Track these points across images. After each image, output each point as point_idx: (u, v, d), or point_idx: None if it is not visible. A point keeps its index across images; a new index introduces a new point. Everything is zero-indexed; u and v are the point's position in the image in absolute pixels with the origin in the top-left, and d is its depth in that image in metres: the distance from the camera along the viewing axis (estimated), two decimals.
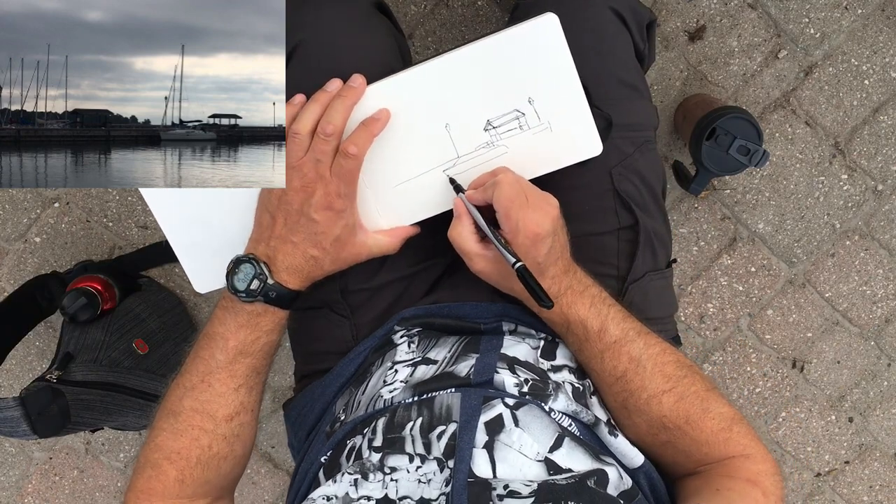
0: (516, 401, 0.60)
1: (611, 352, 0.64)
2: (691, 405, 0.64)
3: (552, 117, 0.67)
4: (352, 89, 0.64)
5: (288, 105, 0.65)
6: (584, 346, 0.66)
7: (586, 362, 0.67)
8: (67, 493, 1.45)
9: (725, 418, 0.64)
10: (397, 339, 0.72)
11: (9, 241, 1.31)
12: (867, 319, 1.37)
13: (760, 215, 1.30)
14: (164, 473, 0.65)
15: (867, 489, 1.47)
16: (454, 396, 0.60)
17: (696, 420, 0.63)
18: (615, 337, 0.64)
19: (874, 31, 1.22)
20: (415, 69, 0.65)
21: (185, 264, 0.73)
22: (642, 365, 0.64)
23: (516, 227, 0.61)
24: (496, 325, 0.72)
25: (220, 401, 0.66)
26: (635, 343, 0.65)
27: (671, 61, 1.24)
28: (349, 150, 0.63)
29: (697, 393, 0.64)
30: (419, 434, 0.58)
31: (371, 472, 0.56)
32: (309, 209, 0.64)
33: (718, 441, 0.63)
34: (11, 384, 1.39)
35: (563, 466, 0.55)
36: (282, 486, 1.46)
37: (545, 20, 0.64)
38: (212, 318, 0.68)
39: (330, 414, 0.72)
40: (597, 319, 0.65)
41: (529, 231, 0.61)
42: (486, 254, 0.65)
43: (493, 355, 0.65)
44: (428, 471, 0.56)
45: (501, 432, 0.57)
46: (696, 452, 0.64)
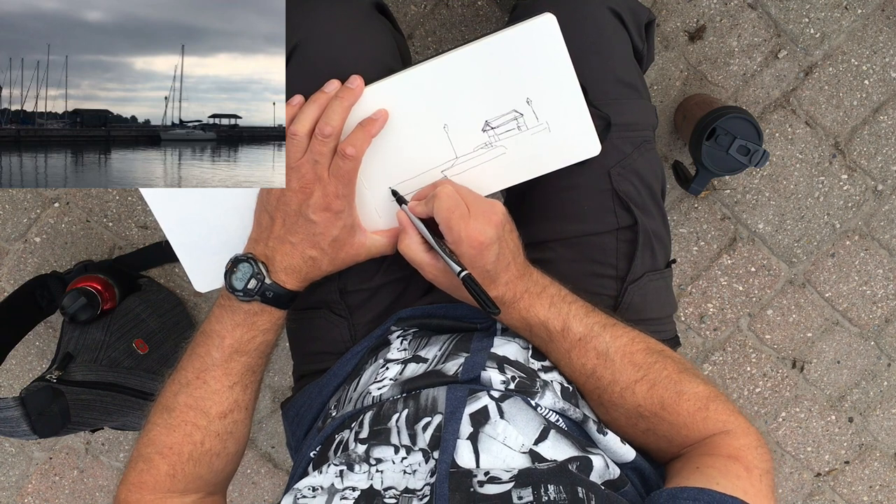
0: (502, 393, 0.60)
1: (577, 350, 0.64)
2: (664, 390, 0.63)
3: (550, 118, 0.67)
4: (349, 90, 0.64)
5: (287, 106, 0.65)
6: (550, 347, 0.66)
7: (556, 363, 0.67)
8: (67, 493, 1.45)
9: (701, 397, 0.63)
10: (392, 339, 0.72)
11: (9, 241, 1.31)
12: (867, 319, 1.37)
13: (760, 215, 1.30)
14: (156, 467, 0.66)
15: (867, 489, 1.47)
16: (440, 389, 0.60)
17: (671, 404, 0.63)
18: (579, 334, 0.64)
19: (874, 31, 1.22)
20: (413, 70, 0.65)
21: (185, 263, 0.73)
22: (610, 358, 0.64)
23: (459, 238, 0.61)
24: (492, 325, 0.72)
25: (215, 398, 0.66)
26: (601, 337, 0.64)
27: (671, 61, 1.24)
28: (347, 151, 0.63)
29: (669, 377, 0.63)
30: (405, 425, 0.58)
31: (356, 464, 0.56)
32: (307, 210, 0.64)
33: (696, 421, 0.63)
34: (11, 384, 1.39)
35: (548, 457, 0.56)
36: (282, 486, 1.46)
37: (543, 20, 0.64)
38: (209, 316, 0.68)
39: (324, 411, 0.73)
40: (558, 319, 0.65)
41: (473, 240, 0.61)
42: (436, 263, 0.66)
43: (483, 355, 0.65)
44: (413, 462, 0.56)
45: (486, 424, 0.57)
46: (676, 436, 0.64)
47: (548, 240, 0.76)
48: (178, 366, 0.69)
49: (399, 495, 0.53)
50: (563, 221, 0.75)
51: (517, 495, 0.50)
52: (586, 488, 0.51)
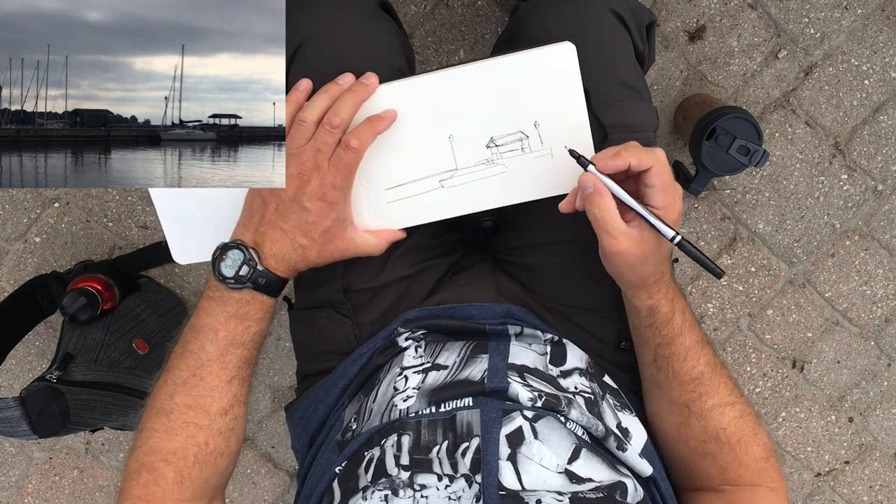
0: (534, 413, 0.59)
1: (694, 351, 0.65)
2: (747, 425, 0.65)
3: (555, 144, 0.67)
4: (364, 86, 0.64)
5: (293, 91, 0.64)
6: (675, 341, 0.66)
7: (666, 361, 0.67)
8: (67, 493, 1.45)
9: (768, 448, 0.66)
10: (402, 342, 0.71)
11: (9, 241, 1.31)
12: (867, 319, 1.37)
13: (760, 215, 1.30)
14: (162, 476, 0.63)
15: (867, 489, 1.47)
16: (474, 413, 0.59)
17: (747, 441, 0.65)
18: (697, 338, 0.66)
19: (874, 31, 1.22)
20: (428, 76, 0.65)
21: (167, 232, 0.72)
22: (716, 372, 0.66)
23: (672, 203, 0.60)
24: (501, 327, 0.71)
25: (214, 394, 0.64)
26: (708, 349, 0.66)
27: (671, 61, 1.24)
28: (351, 143, 0.63)
29: (752, 415, 0.66)
30: (446, 457, 0.57)
31: (401, 489, 0.55)
32: (302, 197, 0.63)
33: (757, 468, 0.65)
34: (11, 384, 1.39)
35: (584, 476, 0.56)
36: (282, 486, 1.46)
37: (562, 48, 0.64)
38: (197, 310, 0.66)
39: (338, 420, 0.72)
40: (690, 315, 0.66)
41: (679, 208, 0.60)
42: (630, 232, 0.61)
43: (502, 358, 0.64)
44: (457, 489, 0.55)
45: (522, 445, 0.57)
46: (732, 473, 0.65)
47: (547, 243, 0.76)
48: (168, 366, 0.66)
49: None
50: (562, 224, 0.75)
51: None
52: None
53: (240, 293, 0.64)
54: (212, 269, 0.64)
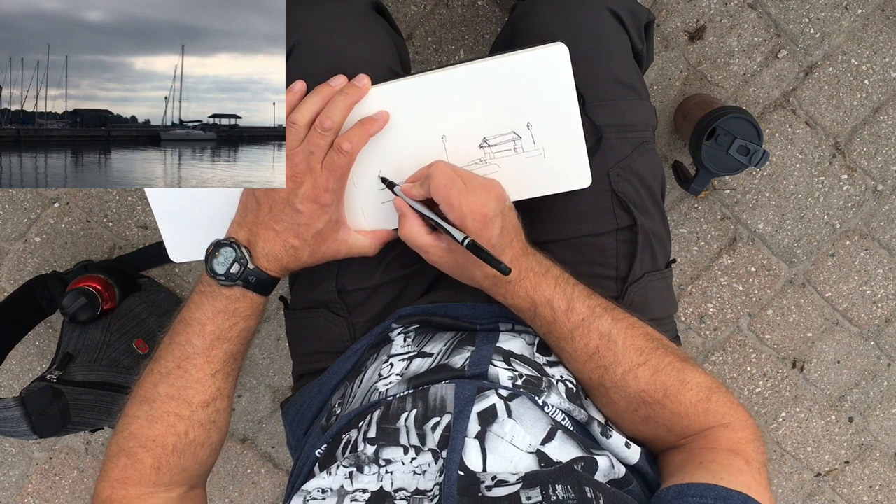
0: (510, 392, 0.60)
1: (580, 329, 0.64)
2: (668, 377, 0.63)
3: (547, 144, 0.67)
4: (356, 88, 0.64)
5: (287, 92, 0.65)
6: (553, 328, 0.66)
7: (557, 344, 0.67)
8: (67, 493, 1.45)
9: (703, 388, 0.63)
10: (394, 336, 0.72)
11: (9, 241, 1.31)
12: (867, 319, 1.37)
13: (760, 215, 1.30)
14: (140, 461, 0.64)
15: (867, 489, 1.47)
16: (448, 387, 0.60)
17: (674, 392, 0.63)
18: (583, 314, 0.64)
19: (874, 31, 1.22)
20: (420, 77, 0.65)
21: (163, 231, 0.72)
22: (613, 340, 0.64)
23: (461, 213, 0.61)
24: (493, 326, 0.72)
25: (197, 387, 0.66)
26: (603, 319, 0.64)
27: (671, 61, 1.24)
28: (343, 146, 0.63)
29: (672, 364, 0.63)
30: (413, 425, 0.58)
31: (366, 465, 0.56)
32: (295, 199, 0.64)
33: (698, 412, 0.63)
34: (11, 384, 1.39)
35: (555, 459, 0.55)
36: (282, 486, 1.46)
37: (555, 49, 0.64)
38: (188, 304, 0.67)
39: (326, 409, 0.72)
40: (563, 298, 0.64)
41: (476, 213, 0.61)
42: (440, 244, 0.65)
43: (489, 348, 0.65)
44: (423, 462, 0.56)
45: (494, 423, 0.57)
46: (676, 425, 0.63)
47: (547, 241, 0.76)
48: (156, 356, 0.68)
49: (410, 496, 0.53)
50: (561, 222, 0.75)
51: (525, 496, 0.50)
52: (594, 488, 0.51)
53: (230, 290, 0.65)
54: (204, 264, 0.65)
